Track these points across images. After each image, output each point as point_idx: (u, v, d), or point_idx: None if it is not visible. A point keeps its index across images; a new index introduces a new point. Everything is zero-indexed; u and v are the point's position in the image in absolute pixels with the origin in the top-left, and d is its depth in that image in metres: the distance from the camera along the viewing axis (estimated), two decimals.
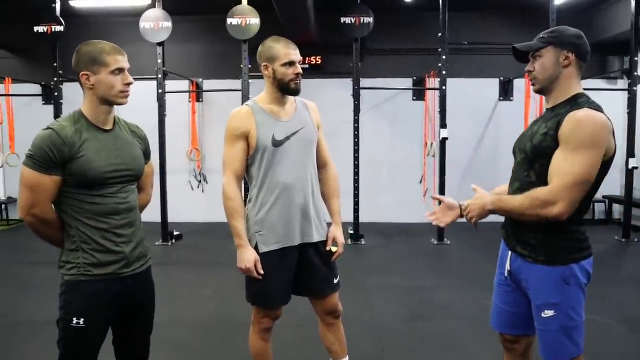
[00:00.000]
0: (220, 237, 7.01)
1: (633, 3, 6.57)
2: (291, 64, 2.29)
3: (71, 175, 1.83)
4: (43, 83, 7.97)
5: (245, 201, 2.41)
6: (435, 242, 6.72)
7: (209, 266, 5.66)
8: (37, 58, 7.97)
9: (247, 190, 2.63)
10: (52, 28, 6.65)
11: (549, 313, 1.87)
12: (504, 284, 2.09)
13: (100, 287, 1.89)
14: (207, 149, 8.18)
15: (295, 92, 2.35)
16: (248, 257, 2.28)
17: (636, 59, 6.72)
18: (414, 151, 8.12)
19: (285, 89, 2.33)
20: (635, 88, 6.73)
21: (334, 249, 2.46)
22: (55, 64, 6.82)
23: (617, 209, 8.03)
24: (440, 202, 2.06)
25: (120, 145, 1.97)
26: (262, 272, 2.29)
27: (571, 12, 7.34)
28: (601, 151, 1.76)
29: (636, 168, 6.71)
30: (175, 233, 6.83)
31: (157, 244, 6.55)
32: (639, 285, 4.89)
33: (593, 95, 1.93)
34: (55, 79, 6.87)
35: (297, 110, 2.41)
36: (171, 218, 6.83)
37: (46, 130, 1.84)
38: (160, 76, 6.57)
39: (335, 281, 2.47)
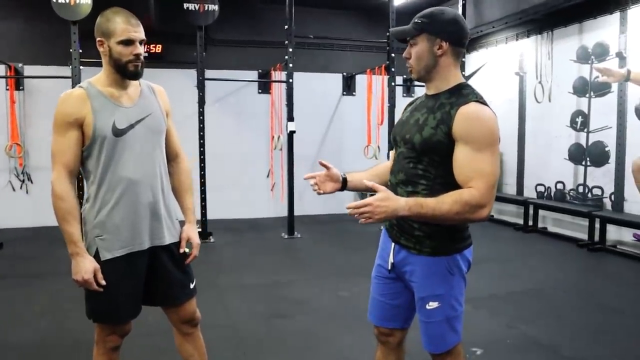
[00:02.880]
0: (50, 243, 6.24)
1: (460, 10, 7.21)
2: (129, 42, 1.96)
3: None
4: None
5: (81, 201, 2.05)
6: (286, 236, 6.66)
7: (37, 277, 4.93)
8: None
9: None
10: None
11: (433, 304, 1.83)
12: (384, 276, 2.01)
13: None
14: (31, 144, 7.21)
15: (134, 76, 2.02)
16: (85, 267, 1.93)
17: (464, 60, 7.35)
18: (260, 145, 8.00)
19: (122, 71, 1.99)
20: None
21: (187, 250, 2.20)
22: None
23: None
24: (326, 169, 2.01)
25: None
26: (103, 282, 1.95)
27: (409, 13, 7.71)
28: (499, 144, 1.74)
29: None
30: None
31: None
32: (476, 265, 5.27)
33: (419, 91, 1.92)
34: None
35: (142, 95, 2.10)
36: None
37: None
38: None
39: (192, 286, 2.21)
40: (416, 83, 8.01)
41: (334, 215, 8.20)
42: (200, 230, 6.33)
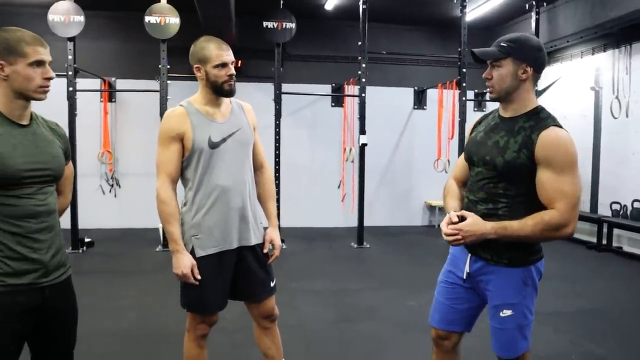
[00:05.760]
0: (135, 243, 6.78)
1: (533, 24, 7.18)
2: (223, 65, 2.24)
3: None
4: None
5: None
6: (355, 246, 6.85)
7: (125, 274, 5.39)
8: None
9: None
10: None
11: (507, 312, 1.96)
12: (453, 282, 2.13)
13: (15, 298, 1.71)
14: (120, 152, 7.82)
15: (229, 93, 2.31)
16: (184, 263, 2.21)
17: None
18: (332, 156, 8.24)
19: (218, 91, 2.28)
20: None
21: (271, 250, 2.43)
22: None
23: None
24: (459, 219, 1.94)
25: (39, 143, 1.79)
26: (199, 277, 2.22)
27: (480, 28, 7.83)
28: (577, 165, 1.86)
29: None
30: (86, 240, 6.46)
31: (66, 251, 6.15)
32: (544, 282, 5.23)
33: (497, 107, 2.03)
34: None
35: (232, 112, 2.37)
36: (81, 224, 6.45)
37: None
38: (70, 73, 6.22)
39: (272, 284, 2.45)
40: (487, 98, 8.03)
41: (402, 227, 8.33)
42: None
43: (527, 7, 7.23)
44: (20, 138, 1.74)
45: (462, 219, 1.92)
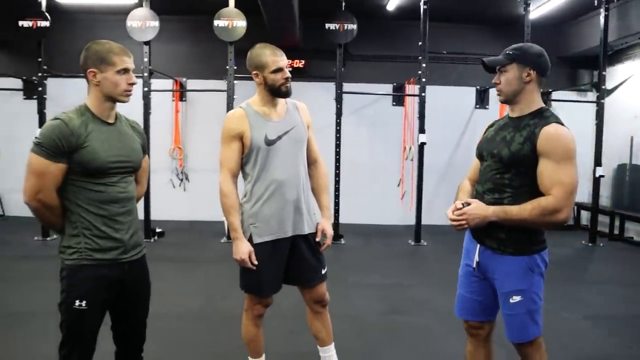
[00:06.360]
0: (202, 235, 7.17)
1: (602, 21, 6.95)
2: (280, 69, 2.45)
3: (76, 163, 1.95)
4: (24, 78, 7.84)
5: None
6: (412, 243, 6.94)
7: (192, 263, 5.77)
8: (19, 52, 7.94)
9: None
10: (37, 23, 6.62)
11: (516, 298, 2.10)
12: (470, 274, 2.28)
13: (101, 271, 2.01)
14: (189, 148, 8.27)
15: (286, 94, 2.52)
16: (243, 249, 2.43)
17: (604, 73, 7.05)
18: (392, 155, 8.34)
19: (276, 93, 2.49)
20: (603, 100, 7.05)
21: (322, 240, 2.62)
22: (40, 59, 6.74)
23: (585, 215, 8.34)
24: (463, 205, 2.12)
25: (122, 138, 2.10)
26: (256, 262, 2.44)
27: (545, 26, 7.70)
28: (576, 159, 2.01)
29: (602, 176, 7.03)
30: (158, 230, 6.91)
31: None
32: (602, 286, 5.16)
33: (564, 106, 2.16)
34: (40, 74, 6.79)
35: (287, 111, 2.58)
36: (153, 215, 6.88)
37: (55, 120, 1.96)
38: (146, 74, 6.66)
39: (323, 272, 2.63)
40: (553, 97, 7.90)
41: None
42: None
43: (595, 4, 7.02)
44: (107, 134, 2.05)
45: (466, 206, 2.09)
